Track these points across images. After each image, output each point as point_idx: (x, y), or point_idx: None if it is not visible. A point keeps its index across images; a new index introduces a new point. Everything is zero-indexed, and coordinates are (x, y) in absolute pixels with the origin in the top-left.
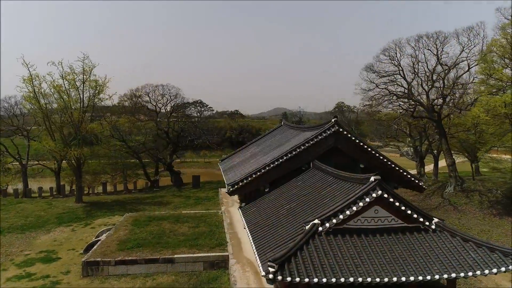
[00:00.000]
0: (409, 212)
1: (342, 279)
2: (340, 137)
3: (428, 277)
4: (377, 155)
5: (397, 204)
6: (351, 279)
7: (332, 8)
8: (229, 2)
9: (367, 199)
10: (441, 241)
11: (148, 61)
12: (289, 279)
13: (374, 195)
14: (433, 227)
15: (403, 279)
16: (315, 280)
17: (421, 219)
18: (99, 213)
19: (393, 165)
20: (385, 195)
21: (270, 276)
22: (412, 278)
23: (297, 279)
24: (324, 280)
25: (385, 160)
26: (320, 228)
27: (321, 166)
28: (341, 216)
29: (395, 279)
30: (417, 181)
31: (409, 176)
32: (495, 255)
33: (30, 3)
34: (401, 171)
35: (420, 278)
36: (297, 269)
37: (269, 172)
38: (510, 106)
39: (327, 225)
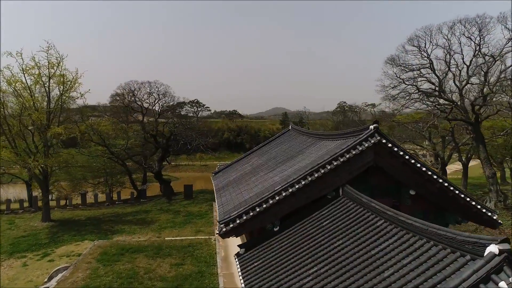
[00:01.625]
0: None
1: None
2: (381, 151)
3: None
4: (435, 177)
5: None
6: None
7: (332, 8)
8: (229, 2)
9: None
10: None
11: (148, 61)
12: None
13: (503, 285)
14: None
15: None
16: None
17: None
18: (66, 237)
19: (457, 192)
20: None
21: None
22: None
23: None
24: None
25: (446, 184)
26: None
27: (359, 196)
28: None
29: None
30: (489, 214)
31: (478, 206)
32: None
33: (30, 3)
34: (467, 199)
35: None
36: None
37: (281, 203)
38: None
39: None
